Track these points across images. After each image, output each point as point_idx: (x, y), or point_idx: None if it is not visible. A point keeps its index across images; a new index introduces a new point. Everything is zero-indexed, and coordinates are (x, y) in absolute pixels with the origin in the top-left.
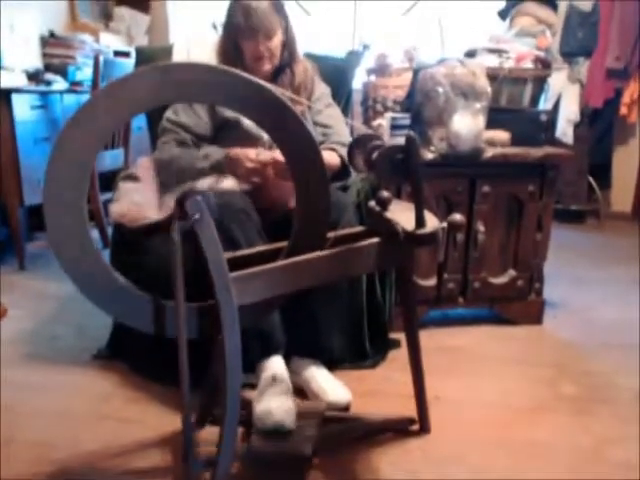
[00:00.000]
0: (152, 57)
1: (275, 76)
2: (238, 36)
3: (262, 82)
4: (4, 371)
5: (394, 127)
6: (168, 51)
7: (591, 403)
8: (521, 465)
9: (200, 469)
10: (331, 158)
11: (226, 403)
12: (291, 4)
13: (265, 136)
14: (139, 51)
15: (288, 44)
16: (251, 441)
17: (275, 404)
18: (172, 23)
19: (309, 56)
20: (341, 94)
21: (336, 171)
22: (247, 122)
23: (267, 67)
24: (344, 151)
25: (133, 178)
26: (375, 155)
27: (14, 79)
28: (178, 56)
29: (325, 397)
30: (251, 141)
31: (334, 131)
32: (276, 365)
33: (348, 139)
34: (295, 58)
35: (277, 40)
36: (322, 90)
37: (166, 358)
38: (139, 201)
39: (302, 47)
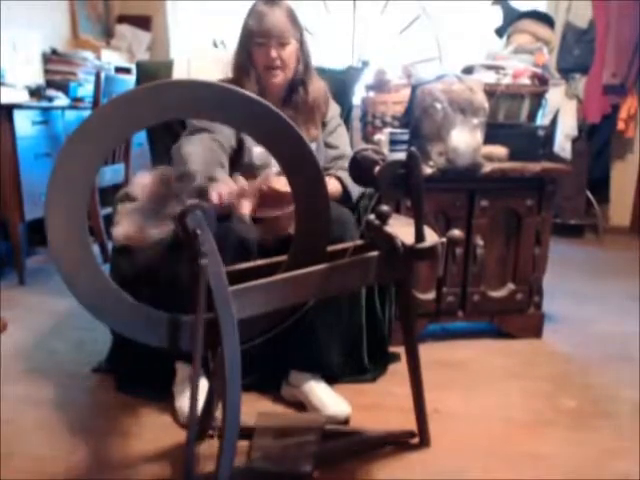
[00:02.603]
0: (153, 72)
1: (289, 94)
2: (251, 41)
3: (259, 98)
4: (4, 385)
5: (393, 142)
6: (169, 66)
7: (591, 416)
8: (521, 479)
9: None
10: (333, 187)
11: (225, 415)
12: None
13: (274, 168)
14: (140, 65)
15: (303, 58)
16: (252, 459)
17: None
18: (173, 40)
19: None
20: (342, 109)
21: (336, 198)
22: (257, 150)
23: (279, 78)
24: (346, 176)
25: (130, 198)
26: (377, 170)
27: (16, 95)
28: (179, 71)
29: (325, 410)
30: (256, 171)
31: (340, 152)
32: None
33: None
34: (310, 75)
35: (290, 49)
36: (335, 110)
37: (165, 372)
38: (140, 220)
39: None
